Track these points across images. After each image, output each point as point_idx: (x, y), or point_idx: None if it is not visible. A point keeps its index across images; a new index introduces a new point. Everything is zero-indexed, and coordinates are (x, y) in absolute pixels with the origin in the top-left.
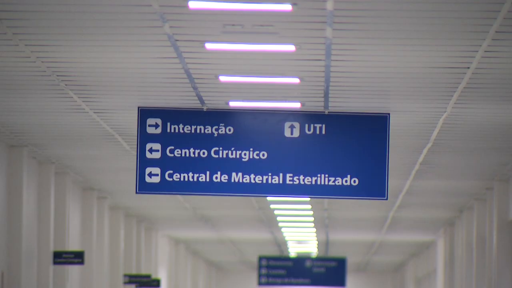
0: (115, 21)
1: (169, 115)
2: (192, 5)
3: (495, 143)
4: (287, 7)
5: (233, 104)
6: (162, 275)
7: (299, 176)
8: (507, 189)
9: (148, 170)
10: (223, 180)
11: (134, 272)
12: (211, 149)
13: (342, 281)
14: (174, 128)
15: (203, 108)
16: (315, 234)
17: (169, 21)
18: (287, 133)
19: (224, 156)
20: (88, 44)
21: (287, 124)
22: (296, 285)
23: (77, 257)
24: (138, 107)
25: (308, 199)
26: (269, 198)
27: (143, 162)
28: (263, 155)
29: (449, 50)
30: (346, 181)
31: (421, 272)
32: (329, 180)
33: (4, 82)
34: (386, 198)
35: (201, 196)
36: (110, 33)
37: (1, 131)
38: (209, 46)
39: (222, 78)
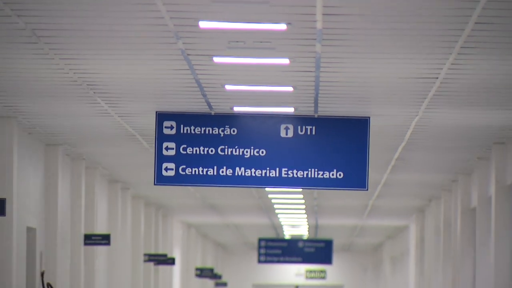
0: (136, 38)
1: (182, 118)
2: (202, 25)
3: (459, 142)
4: (283, 26)
5: (237, 109)
6: (176, 254)
7: (292, 170)
8: (469, 181)
9: (164, 165)
10: (228, 173)
11: (152, 251)
12: (218, 147)
13: (329, 260)
14: (187, 130)
15: (211, 112)
16: (306, 219)
17: (182, 38)
18: (283, 134)
19: (229, 153)
20: (113, 58)
21: (282, 126)
22: (290, 263)
23: (104, 239)
24: (156, 111)
25: (300, 189)
26: (267, 189)
27: (160, 158)
28: (262, 152)
29: (421, 63)
30: (332, 174)
31: (396, 252)
32: (318, 174)
33: (42, 90)
34: (366, 189)
35: (209, 187)
36: (132, 48)
37: (40, 132)
38: (216, 59)
39: (227, 87)
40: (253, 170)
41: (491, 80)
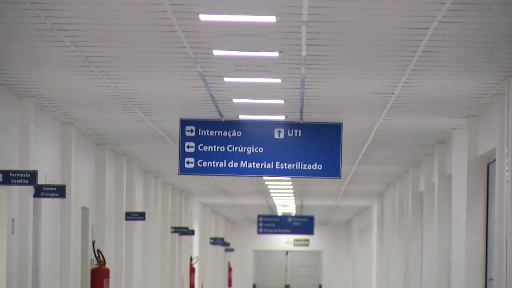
0: (165, 63)
1: (200, 124)
2: (215, 53)
3: (410, 142)
4: (276, 54)
5: (241, 116)
6: (195, 227)
7: (283, 163)
8: (418, 171)
9: (186, 159)
10: (234, 166)
11: (177, 225)
12: (227, 146)
13: (311, 231)
14: (203, 132)
15: (221, 119)
16: (294, 200)
17: (199, 63)
18: (276, 136)
19: (235, 150)
20: (147, 78)
21: (276, 130)
22: (281, 234)
23: (141, 216)
24: (180, 119)
25: (289, 178)
26: (264, 178)
27: (183, 154)
28: (260, 150)
29: (381, 82)
30: (314, 166)
31: (362, 225)
32: (303, 166)
33: (93, 102)
34: (340, 177)
35: (220, 176)
36: (162, 71)
37: (91, 134)
38: (226, 79)
39: (234, 100)
40: (253, 163)
41: (435, 94)
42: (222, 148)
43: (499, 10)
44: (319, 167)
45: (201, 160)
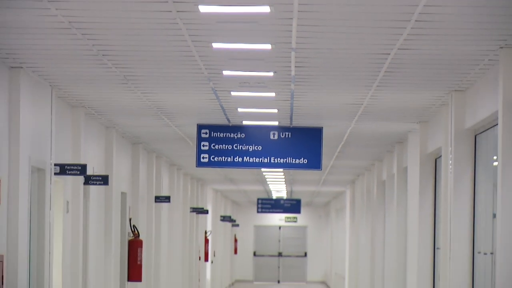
0: (186, 80)
1: (212, 128)
2: (225, 73)
3: (375, 142)
4: (271, 74)
5: (245, 122)
6: (209, 207)
7: (277, 158)
8: (381, 164)
9: (202, 155)
10: (239, 160)
11: (195, 206)
12: (233, 145)
13: (299, 211)
14: (215, 134)
15: (229, 124)
16: (285, 187)
17: (212, 81)
18: (271, 137)
19: (240, 148)
20: (172, 91)
21: (271, 132)
22: (276, 212)
23: (167, 199)
24: (197, 124)
25: (282, 169)
26: (262, 169)
27: (199, 152)
28: (259, 148)
29: (353, 94)
30: (300, 161)
31: (338, 207)
32: (292, 160)
33: (129, 111)
34: (321, 169)
35: (228, 168)
36: (183, 86)
37: (128, 135)
38: (233, 93)
39: (239, 110)
40: (253, 158)
41: (395, 105)
42: (230, 147)
43: (442, 41)
44: (305, 161)
45: (213, 156)
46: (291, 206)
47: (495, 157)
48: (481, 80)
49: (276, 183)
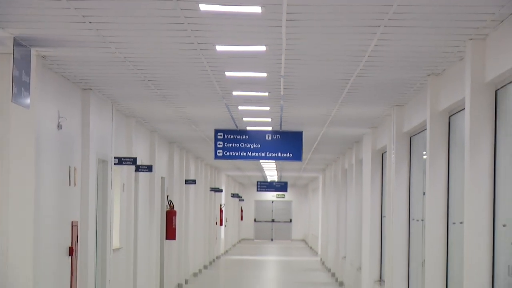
0: (206, 99)
1: (225, 131)
2: (234, 93)
3: (339, 141)
4: (266, 94)
5: (249, 127)
6: (223, 187)
7: (271, 153)
8: (344, 158)
9: (218, 151)
10: (244, 155)
11: (213, 186)
12: (240, 144)
13: (286, 189)
14: (227, 136)
15: (237, 129)
16: (276, 173)
17: (225, 98)
18: (267, 138)
19: (245, 146)
20: (195, 105)
21: (266, 135)
22: (270, 191)
23: (193, 181)
24: (214, 129)
25: (274, 161)
26: (260, 161)
27: (216, 148)
28: (258, 146)
29: (323, 108)
30: (287, 155)
31: (314, 187)
32: (282, 155)
33: (167, 120)
34: (301, 161)
35: (236, 160)
36: (204, 103)
37: (166, 137)
38: (239, 108)
39: (245, 119)
40: (254, 153)
41: (354, 116)
42: (237, 145)
43: (392, 67)
44: (290, 155)
45: (226, 151)
46: (281, 186)
47: (424, 153)
48: (415, 97)
49: (270, 170)
